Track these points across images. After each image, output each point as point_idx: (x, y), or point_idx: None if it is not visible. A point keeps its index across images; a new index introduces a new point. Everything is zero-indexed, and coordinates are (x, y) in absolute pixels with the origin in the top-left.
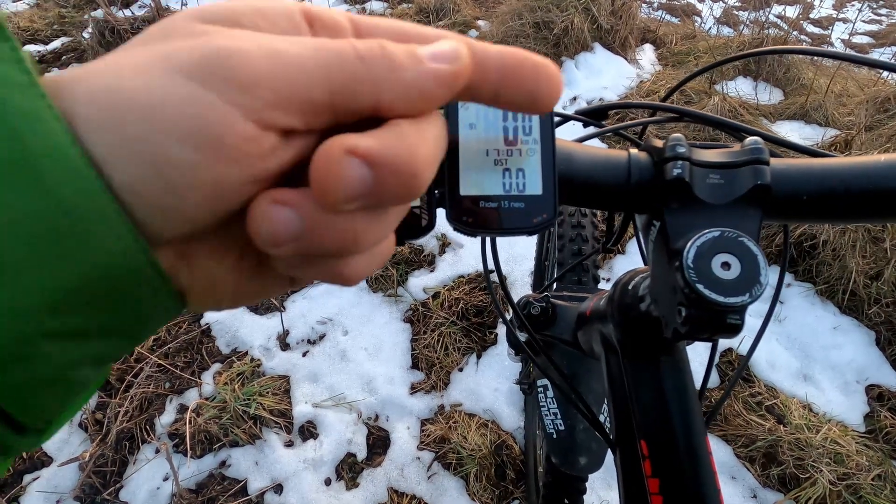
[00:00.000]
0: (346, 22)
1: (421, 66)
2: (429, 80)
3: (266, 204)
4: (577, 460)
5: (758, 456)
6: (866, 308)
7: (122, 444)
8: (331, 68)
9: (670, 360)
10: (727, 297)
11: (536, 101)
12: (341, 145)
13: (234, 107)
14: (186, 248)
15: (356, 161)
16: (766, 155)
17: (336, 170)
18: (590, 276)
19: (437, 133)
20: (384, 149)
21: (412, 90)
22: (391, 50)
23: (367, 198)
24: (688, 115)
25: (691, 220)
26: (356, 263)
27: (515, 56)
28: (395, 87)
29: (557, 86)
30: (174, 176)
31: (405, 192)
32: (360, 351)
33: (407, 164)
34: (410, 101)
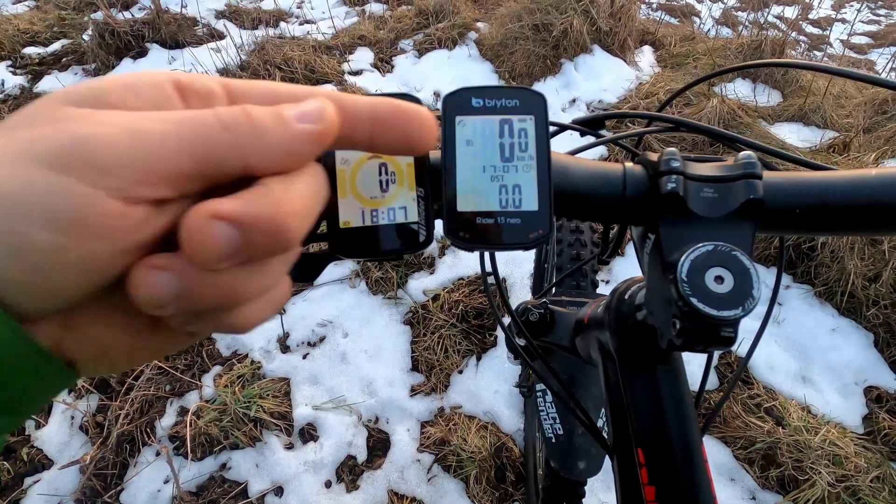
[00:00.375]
0: (219, 88)
1: (286, 128)
2: (294, 141)
3: (142, 270)
4: (576, 465)
5: (757, 458)
6: (865, 310)
7: (123, 446)
8: (194, 140)
9: (666, 368)
10: (720, 310)
11: (412, 145)
12: (205, 211)
13: (96, 188)
14: (69, 318)
15: (222, 224)
16: (758, 169)
17: (201, 235)
18: (588, 281)
19: (308, 186)
20: (249, 210)
21: (279, 151)
22: (256, 115)
23: (238, 255)
24: (684, 125)
25: (685, 233)
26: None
27: (386, 106)
28: (262, 151)
29: (430, 130)
30: (39, 259)
31: (276, 246)
32: (360, 353)
33: (273, 222)
34: (279, 162)
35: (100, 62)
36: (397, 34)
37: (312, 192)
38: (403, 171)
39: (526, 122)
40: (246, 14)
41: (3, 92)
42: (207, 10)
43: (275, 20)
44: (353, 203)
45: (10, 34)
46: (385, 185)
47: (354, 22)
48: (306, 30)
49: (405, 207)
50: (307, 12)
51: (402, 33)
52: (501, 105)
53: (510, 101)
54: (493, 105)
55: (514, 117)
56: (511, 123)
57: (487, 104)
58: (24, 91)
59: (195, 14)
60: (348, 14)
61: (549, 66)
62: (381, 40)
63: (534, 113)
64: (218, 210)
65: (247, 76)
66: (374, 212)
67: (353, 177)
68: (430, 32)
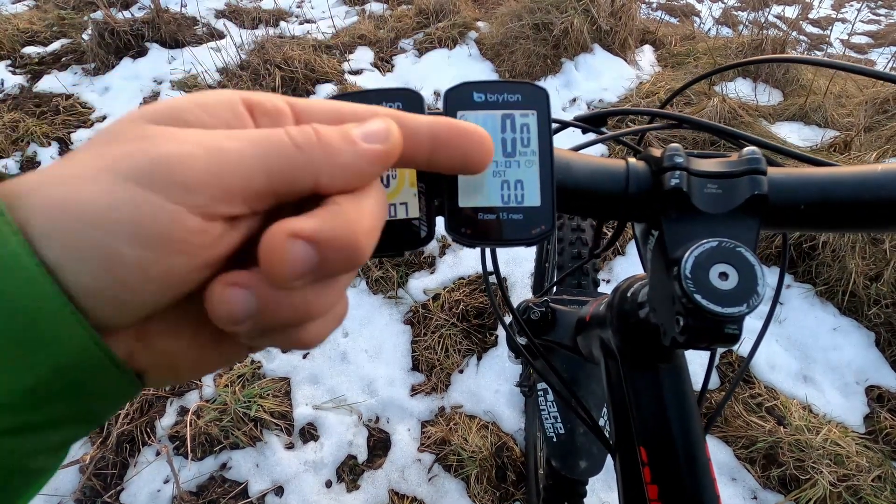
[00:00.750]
0: (285, 106)
1: (355, 148)
2: (363, 160)
3: (221, 287)
4: (577, 464)
5: (758, 457)
6: (866, 309)
7: (123, 446)
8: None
9: (669, 366)
10: (725, 307)
11: (468, 166)
12: (285, 230)
13: (179, 205)
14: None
15: (300, 243)
16: (763, 165)
17: (281, 253)
18: (589, 280)
19: (375, 204)
20: (325, 228)
21: (348, 171)
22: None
23: (313, 273)
24: (687, 121)
25: (689, 229)
26: (314, 328)
27: (446, 127)
28: (332, 170)
29: (488, 150)
30: (125, 273)
31: (349, 264)
32: (360, 353)
33: (348, 240)
34: (347, 181)
35: (99, 62)
36: (397, 33)
37: (379, 209)
38: None
39: (528, 117)
40: (246, 13)
41: (2, 91)
42: (207, 9)
43: (275, 19)
44: None
45: (9, 33)
46: (386, 181)
47: (354, 21)
48: (306, 29)
49: (406, 203)
50: (307, 12)
51: (402, 32)
52: (503, 100)
53: (512, 96)
54: (494, 100)
55: (517, 112)
56: (513, 118)
57: (489, 99)
58: (23, 90)
59: (195, 13)
60: (348, 13)
61: (550, 65)
62: (381, 39)
63: (536, 108)
64: (297, 229)
65: (247, 76)
66: None
67: None
68: (430, 32)
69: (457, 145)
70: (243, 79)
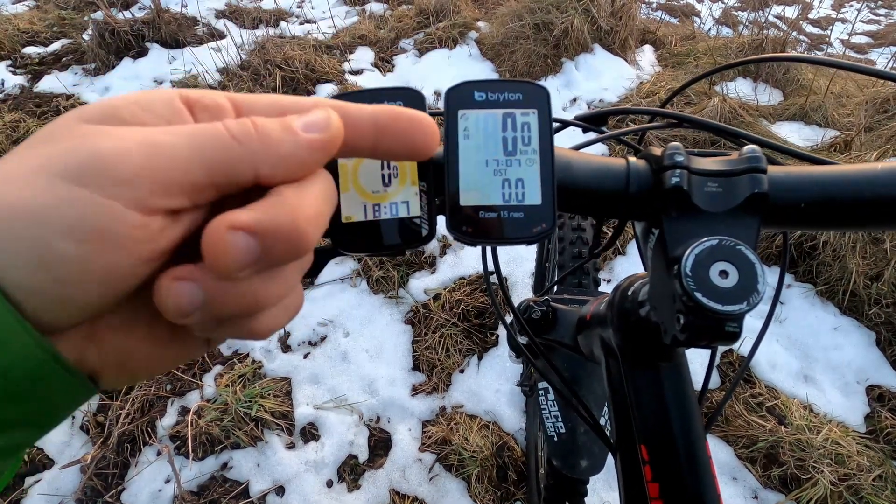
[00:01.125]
0: (225, 102)
1: (294, 138)
2: (303, 150)
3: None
4: (578, 463)
5: (759, 457)
6: (866, 309)
7: (124, 446)
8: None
9: (670, 365)
10: (725, 305)
11: (414, 151)
12: (225, 222)
13: (115, 200)
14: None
15: (240, 234)
16: (763, 163)
17: (222, 245)
18: (590, 279)
19: (319, 192)
20: (265, 219)
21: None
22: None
23: (257, 263)
24: (687, 120)
25: (689, 228)
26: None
27: (388, 114)
28: (272, 161)
29: (432, 136)
30: (64, 271)
31: (293, 252)
32: (361, 353)
33: (289, 229)
34: (288, 170)
35: (100, 62)
36: (398, 33)
37: (324, 197)
38: (406, 166)
39: (529, 116)
40: (246, 13)
41: (2, 91)
42: (207, 9)
43: (275, 20)
44: (355, 198)
45: (9, 34)
46: (387, 179)
47: (355, 21)
48: (307, 29)
49: (407, 202)
50: (307, 12)
51: (402, 32)
52: (504, 99)
53: (513, 95)
54: (495, 99)
55: (517, 111)
56: (514, 117)
57: (490, 98)
58: (23, 90)
59: (195, 13)
60: (348, 13)
61: (550, 65)
62: (381, 40)
63: (537, 107)
64: (236, 221)
65: (247, 76)
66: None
67: (355, 171)
68: (430, 32)
69: (400, 133)
70: (244, 79)
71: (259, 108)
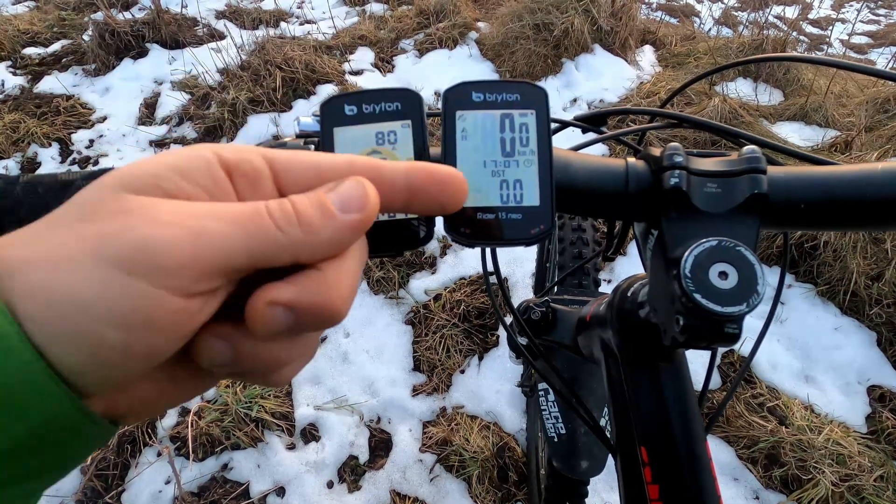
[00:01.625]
0: (263, 165)
1: (333, 223)
2: (341, 233)
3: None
4: (579, 464)
5: (760, 457)
6: (867, 309)
7: (124, 447)
8: (250, 240)
9: (670, 366)
10: (724, 306)
11: (445, 208)
12: (265, 297)
13: (162, 289)
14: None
15: (280, 309)
16: (763, 164)
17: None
18: (590, 280)
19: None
20: (304, 296)
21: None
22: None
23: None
24: (687, 120)
25: (689, 228)
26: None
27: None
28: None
29: (463, 193)
30: (109, 356)
31: (326, 325)
32: (361, 353)
33: (326, 307)
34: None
35: (100, 62)
36: (398, 34)
37: (358, 269)
38: None
39: (527, 117)
40: (246, 14)
41: (3, 92)
42: (208, 10)
43: (275, 20)
44: None
45: (9, 34)
46: None
47: (355, 22)
48: (307, 30)
49: None
50: (307, 12)
51: (402, 33)
52: (502, 99)
53: (511, 96)
54: (493, 99)
55: (515, 112)
56: (512, 118)
57: (488, 98)
58: (23, 91)
59: (195, 14)
60: (349, 14)
61: (550, 65)
62: (381, 40)
63: (535, 107)
64: (277, 297)
65: (247, 76)
66: None
67: None
68: (430, 32)
69: (433, 192)
70: (244, 79)
71: (297, 173)
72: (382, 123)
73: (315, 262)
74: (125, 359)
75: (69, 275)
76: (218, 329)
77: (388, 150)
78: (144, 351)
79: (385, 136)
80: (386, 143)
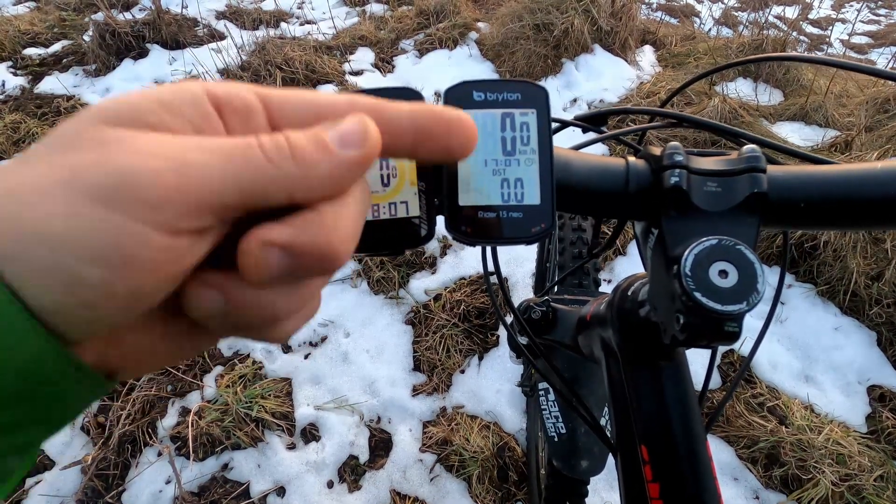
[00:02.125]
0: (256, 101)
1: (331, 158)
2: (340, 170)
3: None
4: (579, 464)
5: (760, 457)
6: (867, 309)
7: (125, 447)
8: (240, 174)
9: (670, 365)
10: (724, 305)
11: (453, 153)
12: (259, 238)
13: (144, 224)
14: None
15: (275, 250)
16: (762, 163)
17: (255, 259)
18: (590, 280)
19: (356, 209)
20: (301, 237)
21: (324, 183)
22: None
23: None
24: (687, 120)
25: (689, 227)
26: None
27: (427, 116)
28: (308, 184)
29: (472, 138)
30: (89, 295)
31: (325, 270)
32: (361, 353)
33: (324, 249)
34: (324, 192)
35: (100, 63)
36: (398, 34)
37: (360, 212)
38: (405, 166)
39: (528, 116)
40: (246, 14)
41: (3, 93)
42: (208, 10)
43: (275, 20)
44: None
45: (10, 35)
46: (386, 179)
47: (355, 22)
48: (307, 30)
49: (406, 202)
50: (308, 13)
51: (402, 33)
52: (503, 99)
53: (512, 95)
54: (494, 99)
55: (516, 111)
56: (513, 117)
57: (489, 98)
58: (24, 92)
59: (196, 15)
60: (349, 14)
61: (550, 65)
62: (381, 40)
63: (535, 106)
64: (271, 237)
65: (247, 76)
66: (374, 206)
67: None
68: (430, 32)
69: (440, 135)
70: (244, 80)
71: (291, 109)
72: None
73: (312, 203)
74: (106, 300)
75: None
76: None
77: None
78: (127, 292)
79: None
80: None
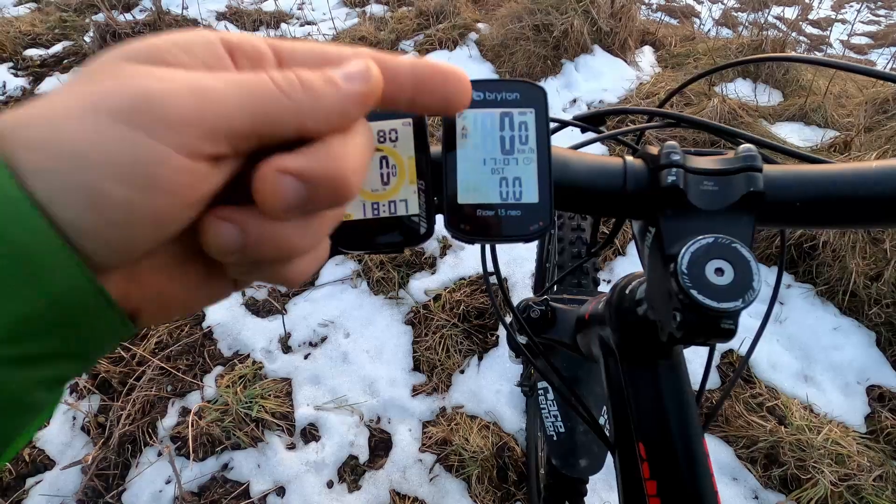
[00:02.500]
0: (267, 49)
1: (337, 90)
2: (346, 102)
3: (213, 221)
4: (578, 463)
5: (759, 457)
6: (866, 309)
7: (125, 447)
8: (254, 102)
9: (668, 363)
10: (720, 302)
11: (450, 104)
12: (275, 165)
13: (164, 144)
14: (134, 270)
15: (289, 178)
16: (759, 162)
17: (272, 187)
18: (589, 279)
19: (361, 140)
20: (314, 165)
21: (332, 113)
22: (308, 80)
23: (304, 206)
24: (685, 120)
25: (686, 226)
26: (297, 266)
27: (426, 67)
28: (316, 114)
29: (468, 90)
30: (113, 213)
31: (338, 199)
32: (361, 353)
33: (336, 176)
34: (332, 123)
35: None
36: (398, 35)
37: (366, 147)
38: (404, 164)
39: (526, 115)
40: (247, 15)
41: (4, 94)
42: (208, 11)
43: (276, 21)
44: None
45: (11, 36)
46: (386, 177)
47: (355, 23)
48: (307, 31)
49: (406, 200)
50: (308, 14)
51: (402, 34)
52: (502, 98)
53: (510, 95)
54: (493, 98)
55: (515, 110)
56: (511, 116)
57: (488, 97)
58: (25, 93)
59: (196, 16)
60: (349, 15)
61: (550, 66)
62: (381, 41)
63: (534, 106)
64: (286, 165)
65: None
66: (374, 205)
67: None
68: (430, 33)
69: (438, 85)
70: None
71: (299, 56)
72: (384, 121)
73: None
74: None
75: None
76: (226, 212)
77: (390, 147)
78: (150, 212)
79: (386, 134)
80: (387, 140)
